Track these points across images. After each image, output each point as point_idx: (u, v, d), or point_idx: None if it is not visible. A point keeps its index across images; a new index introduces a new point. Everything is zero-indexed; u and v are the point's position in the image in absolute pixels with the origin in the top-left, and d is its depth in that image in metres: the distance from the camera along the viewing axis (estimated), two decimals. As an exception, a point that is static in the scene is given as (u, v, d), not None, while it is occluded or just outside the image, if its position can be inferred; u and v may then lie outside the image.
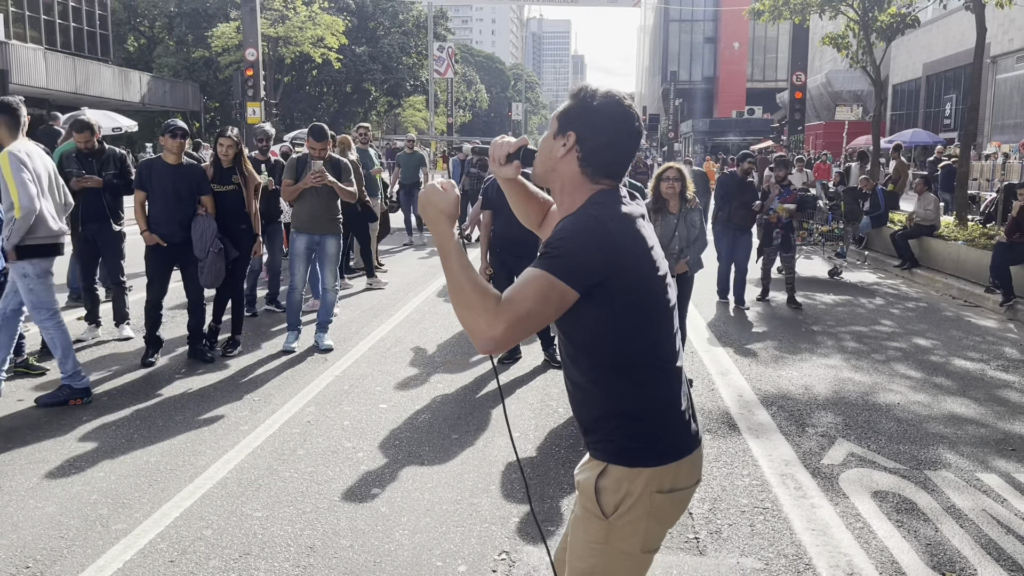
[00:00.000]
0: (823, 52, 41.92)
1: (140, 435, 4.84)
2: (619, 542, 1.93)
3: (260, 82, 24.32)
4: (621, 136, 1.93)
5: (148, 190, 6.15)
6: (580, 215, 1.88)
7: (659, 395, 1.94)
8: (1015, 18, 22.04)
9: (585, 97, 1.93)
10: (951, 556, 3.58)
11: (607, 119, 1.91)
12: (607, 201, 1.90)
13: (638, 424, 1.92)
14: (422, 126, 53.84)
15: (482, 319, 1.74)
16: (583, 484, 2.00)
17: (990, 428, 5.30)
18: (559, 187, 1.97)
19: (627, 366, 1.90)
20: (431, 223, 1.88)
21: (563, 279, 1.76)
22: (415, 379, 6.13)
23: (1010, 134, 23.74)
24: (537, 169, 2.01)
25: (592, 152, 1.91)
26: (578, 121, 1.92)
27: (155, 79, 36.58)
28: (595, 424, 1.97)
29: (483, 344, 1.75)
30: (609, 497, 1.92)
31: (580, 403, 2.01)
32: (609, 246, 1.81)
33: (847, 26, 17.44)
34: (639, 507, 1.91)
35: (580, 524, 2.00)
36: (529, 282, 1.77)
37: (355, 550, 3.54)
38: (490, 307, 1.74)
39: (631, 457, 1.92)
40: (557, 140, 1.94)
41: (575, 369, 1.98)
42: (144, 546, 3.53)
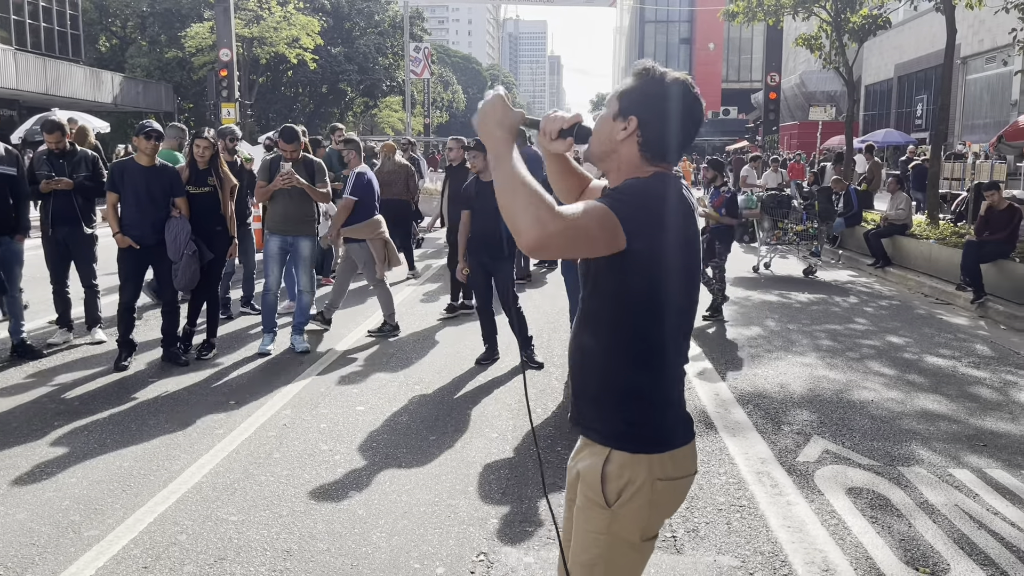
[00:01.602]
0: (797, 53, 42.32)
1: (113, 440, 4.78)
2: (621, 530, 1.93)
3: (235, 83, 24.13)
4: (685, 123, 1.92)
5: (121, 192, 6.08)
6: (647, 181, 1.89)
7: (664, 381, 1.96)
8: (985, 19, 22.36)
9: (650, 81, 1.91)
10: (924, 551, 3.63)
11: (672, 106, 1.90)
12: (668, 182, 1.91)
13: (641, 405, 1.93)
14: (399, 127, 53.63)
15: (534, 214, 1.68)
16: (585, 472, 1.98)
17: (962, 424, 5.37)
18: (616, 168, 1.96)
19: (644, 340, 1.92)
20: (487, 135, 1.83)
21: (621, 220, 1.76)
22: (392, 381, 6.10)
23: (980, 134, 24.10)
24: (594, 149, 1.98)
25: (653, 137, 1.90)
26: (641, 105, 1.90)
27: (128, 80, 36.14)
28: (599, 395, 1.96)
29: (531, 239, 1.69)
30: (613, 485, 1.92)
31: (587, 370, 2.00)
32: (665, 217, 1.84)
33: (820, 27, 17.62)
34: (641, 495, 1.91)
35: (581, 514, 1.99)
36: (590, 208, 1.76)
37: (332, 553, 3.51)
38: (549, 205, 1.69)
39: (633, 443, 1.92)
40: (617, 122, 1.92)
41: (590, 332, 1.97)
42: (117, 552, 3.48)
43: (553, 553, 3.55)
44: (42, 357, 6.48)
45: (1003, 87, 23.66)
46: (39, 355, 6.49)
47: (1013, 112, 20.82)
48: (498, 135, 1.81)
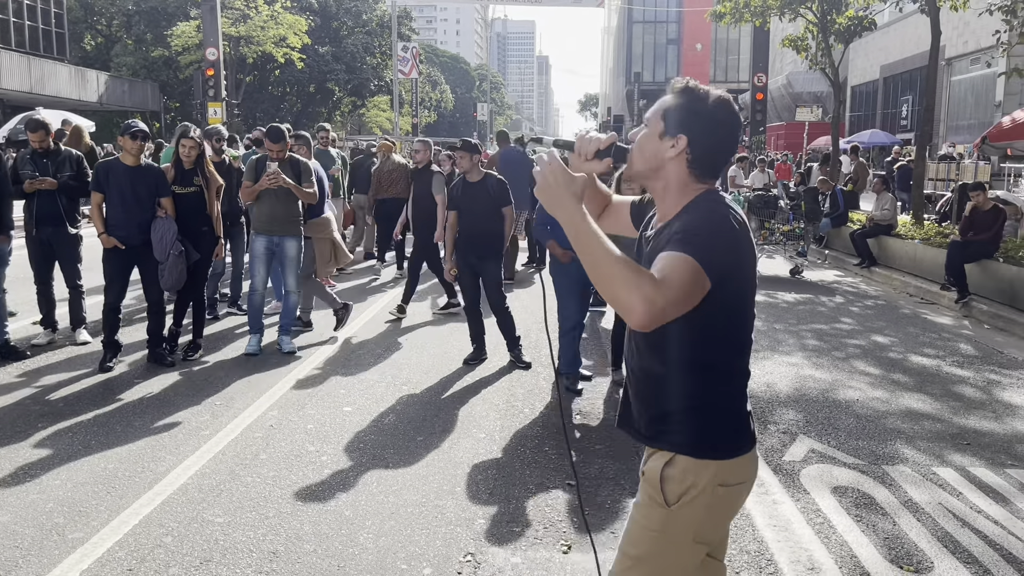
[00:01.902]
0: (783, 54, 42.53)
1: (98, 441, 4.75)
2: (675, 531, 1.96)
3: (221, 82, 24.02)
4: (730, 141, 1.96)
5: (106, 192, 6.04)
6: (707, 210, 1.88)
7: (736, 392, 1.99)
8: (969, 21, 22.53)
9: (696, 99, 1.92)
10: (908, 549, 3.65)
11: (720, 124, 1.92)
12: (721, 201, 1.92)
13: (712, 418, 1.96)
14: (387, 126, 53.53)
15: (640, 294, 1.68)
16: (649, 472, 2.02)
17: (946, 423, 5.41)
18: (662, 185, 1.97)
19: (717, 361, 1.95)
20: (557, 206, 1.80)
21: (704, 267, 1.76)
22: (380, 382, 6.09)
23: (964, 135, 24.28)
24: (638, 167, 1.98)
25: (703, 155, 1.92)
26: (689, 123, 1.90)
27: (113, 78, 35.95)
28: (668, 415, 1.98)
29: (643, 319, 1.69)
30: (674, 486, 1.95)
31: (654, 393, 2.01)
32: (735, 244, 1.86)
33: (806, 28, 17.71)
34: (701, 499, 1.94)
35: (640, 510, 2.03)
36: (677, 264, 1.75)
37: (318, 555, 3.51)
38: (648, 283, 1.69)
39: (701, 449, 1.95)
40: (665, 141, 1.93)
41: (657, 359, 1.98)
42: (102, 555, 3.46)
43: (540, 553, 3.56)
44: (26, 358, 6.43)
45: (987, 88, 23.85)
46: (23, 356, 6.44)
47: (997, 113, 20.99)
48: (570, 206, 1.78)
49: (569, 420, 5.37)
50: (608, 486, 4.28)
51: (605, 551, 3.59)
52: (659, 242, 1.91)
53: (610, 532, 3.77)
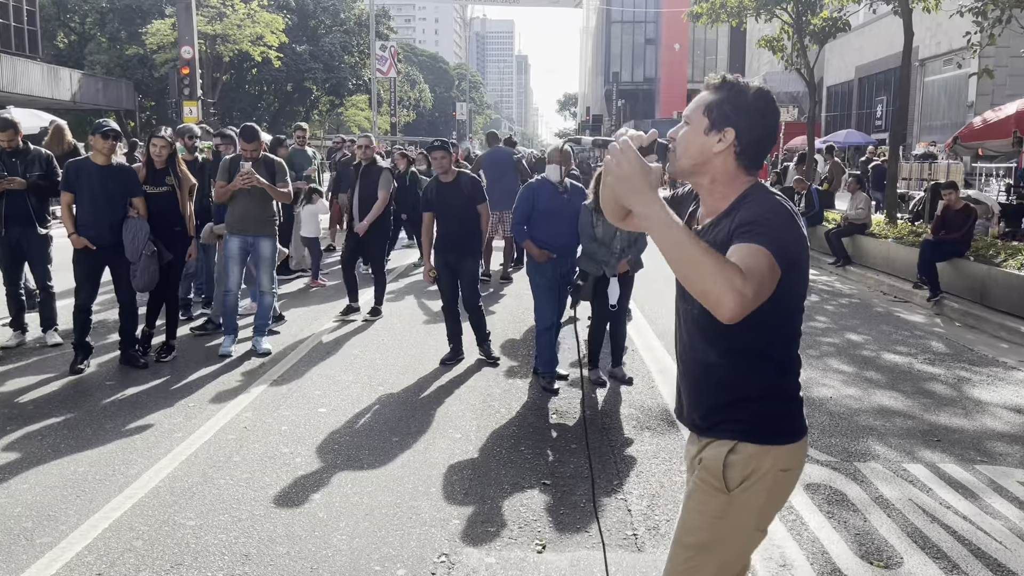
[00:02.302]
0: (760, 54, 42.83)
1: (67, 445, 4.69)
2: (736, 517, 1.98)
3: (197, 81, 23.77)
4: (773, 131, 2.00)
5: (76, 192, 5.97)
6: (768, 201, 1.90)
7: (791, 379, 2.03)
8: (942, 22, 22.80)
9: (738, 92, 1.95)
10: (879, 545, 3.69)
11: (763, 115, 1.96)
12: (776, 192, 1.95)
13: (772, 405, 2.00)
14: (365, 125, 53.28)
15: (731, 287, 1.67)
16: (708, 459, 2.02)
17: (917, 420, 5.47)
18: (709, 180, 1.99)
19: (774, 350, 1.98)
20: (634, 196, 1.76)
21: (776, 256, 1.78)
22: (356, 382, 6.07)
23: (938, 135, 24.55)
24: (683, 164, 1.99)
25: (749, 146, 1.95)
26: (735, 117, 1.93)
27: (87, 76, 35.47)
28: (726, 404, 2.00)
29: (732, 311, 1.68)
30: (736, 472, 1.97)
31: (711, 384, 2.02)
32: (799, 233, 1.88)
33: (782, 29, 17.83)
34: (762, 484, 1.98)
35: (695, 496, 2.03)
36: (754, 254, 1.76)
37: (291, 556, 3.48)
38: (736, 274, 1.69)
39: (762, 435, 1.98)
40: (711, 136, 1.95)
41: (713, 350, 1.99)
42: (71, 559, 3.42)
43: (515, 553, 3.56)
44: (-5, 360, 6.34)
45: (960, 89, 24.15)
46: (-8, 358, 6.35)
47: (970, 114, 21.26)
48: (648, 196, 1.75)
49: (545, 419, 5.37)
50: (584, 485, 4.29)
51: (580, 550, 3.60)
52: (716, 237, 1.90)
53: (586, 532, 3.77)
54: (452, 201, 6.49)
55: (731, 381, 1.99)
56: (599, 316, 6.11)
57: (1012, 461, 4.76)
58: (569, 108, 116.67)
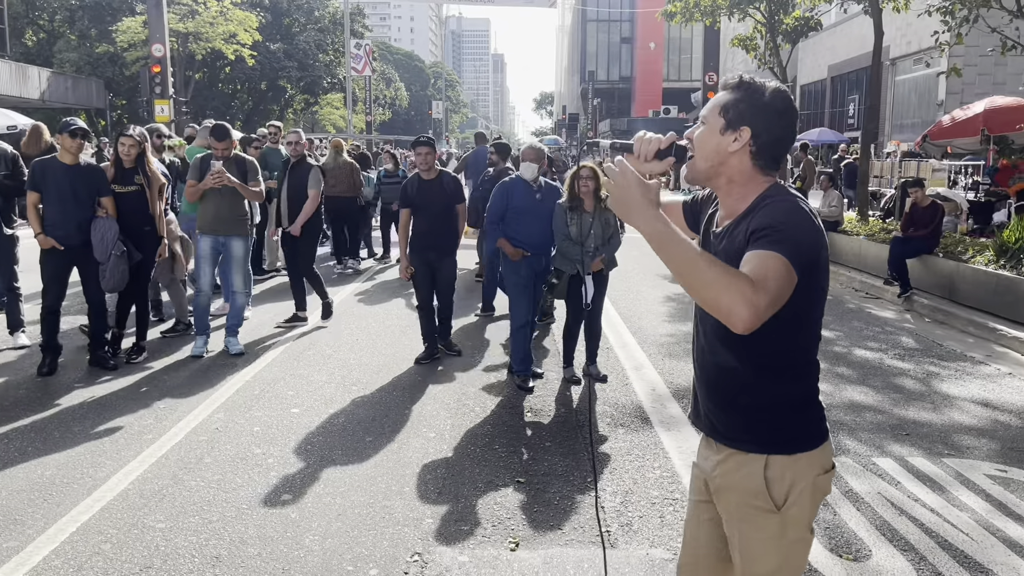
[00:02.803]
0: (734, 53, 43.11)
1: (34, 448, 4.62)
2: (793, 531, 1.96)
3: (168, 79, 23.52)
4: (790, 131, 1.96)
5: (43, 191, 5.88)
6: (785, 205, 1.86)
7: (812, 383, 2.01)
8: (912, 22, 23.09)
9: (754, 91, 1.93)
10: (848, 538, 3.73)
11: (780, 114, 1.93)
12: (794, 194, 1.92)
13: (797, 411, 1.97)
14: (340, 124, 53.04)
15: (742, 298, 1.65)
16: (742, 482, 1.98)
17: (887, 415, 5.54)
18: (726, 180, 1.96)
19: (796, 355, 1.96)
20: (635, 215, 1.76)
21: (792, 262, 1.74)
22: (329, 382, 6.03)
23: (908, 133, 24.87)
24: (700, 166, 1.97)
25: (765, 146, 1.92)
26: (751, 116, 1.91)
27: (56, 75, 34.96)
28: (750, 412, 1.97)
29: (745, 323, 1.66)
30: (780, 488, 1.94)
31: (733, 390, 1.99)
32: (818, 237, 1.85)
33: (755, 28, 17.98)
34: (807, 492, 1.95)
35: (746, 525, 1.99)
36: (771, 263, 1.73)
37: (263, 558, 3.46)
38: (748, 285, 1.67)
39: (791, 445, 1.96)
40: (727, 135, 1.92)
41: (734, 356, 1.96)
42: (37, 564, 3.37)
43: (488, 551, 3.56)
44: (-39, 363, 6.23)
45: (929, 88, 24.48)
46: (-42, 361, 6.24)
47: (939, 112, 21.55)
48: (649, 213, 1.74)
49: (520, 418, 5.37)
50: (557, 483, 4.30)
51: (553, 547, 3.60)
52: (734, 240, 1.89)
53: (559, 529, 3.78)
54: (433, 199, 6.48)
55: (756, 388, 1.96)
56: (573, 314, 6.12)
57: (979, 454, 4.84)
58: (545, 107, 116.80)
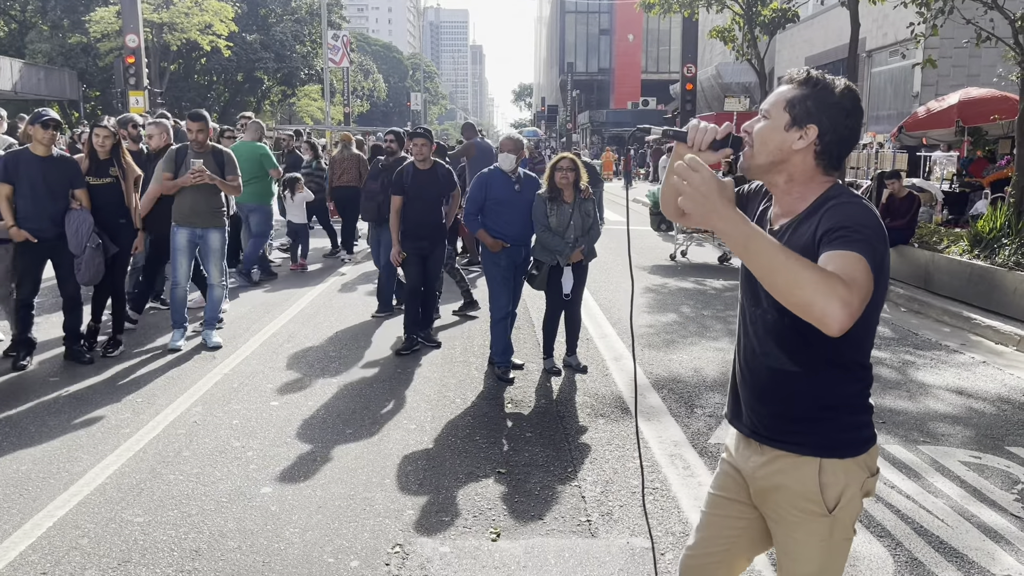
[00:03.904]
0: (713, 45, 43.26)
1: (9, 442, 4.56)
2: (841, 531, 1.96)
3: (143, 70, 23.23)
4: (856, 131, 1.91)
5: (15, 183, 5.79)
6: (855, 205, 1.82)
7: (866, 387, 1.97)
8: (888, 14, 23.26)
9: (823, 88, 1.87)
10: (826, 525, 3.77)
11: (848, 114, 1.88)
12: (856, 195, 1.88)
13: (850, 416, 1.95)
14: (318, 116, 52.64)
15: (838, 299, 1.59)
16: (793, 485, 1.96)
17: (863, 403, 5.59)
18: (786, 178, 1.92)
19: (853, 358, 1.92)
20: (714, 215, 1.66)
21: (870, 263, 1.70)
22: (308, 375, 6.00)
23: (884, 124, 25.09)
24: (760, 160, 1.91)
25: (831, 146, 1.88)
26: (819, 114, 1.86)
27: (28, 66, 34.42)
28: (806, 417, 1.94)
29: (841, 324, 1.60)
30: (833, 492, 1.93)
31: (788, 394, 1.95)
32: (886, 239, 1.82)
33: (733, 20, 18.03)
34: (857, 495, 1.95)
35: (798, 529, 1.97)
36: (852, 262, 1.68)
37: (243, 551, 3.44)
38: (840, 284, 1.61)
39: (844, 449, 1.93)
40: (791, 132, 1.87)
41: (791, 360, 1.92)
42: (13, 559, 3.33)
43: (469, 542, 3.56)
44: (-67, 358, 6.14)
45: (905, 79, 24.68)
46: (-71, 356, 6.15)
47: (915, 103, 21.75)
48: (729, 213, 1.66)
49: (500, 409, 5.38)
50: (538, 473, 4.31)
51: (535, 537, 3.61)
52: (799, 239, 1.84)
53: (540, 520, 3.79)
54: (427, 188, 6.50)
55: (812, 392, 1.93)
56: (553, 305, 6.12)
57: (954, 442, 4.90)
58: (524, 98, 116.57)
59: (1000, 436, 5.00)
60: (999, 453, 4.72)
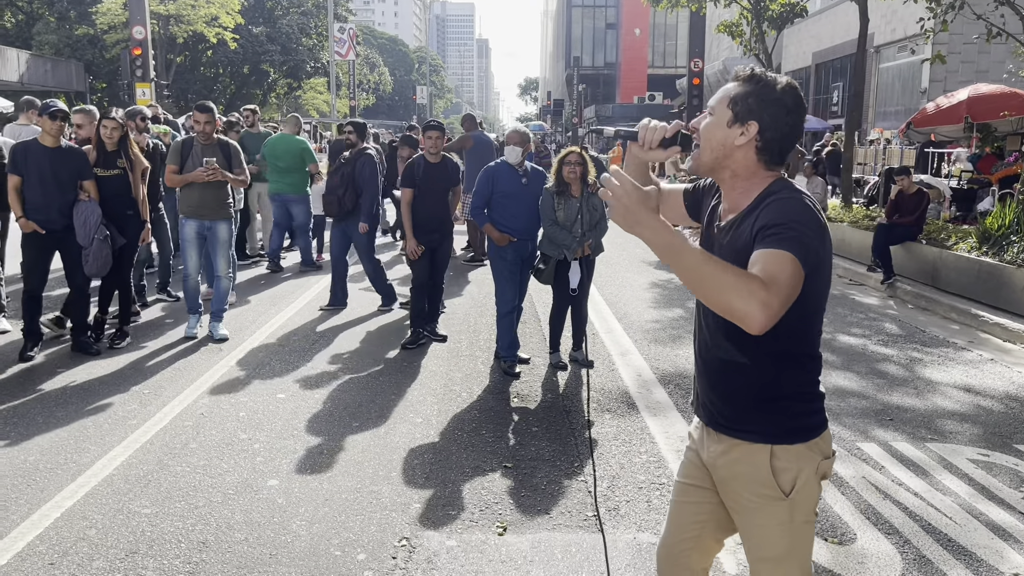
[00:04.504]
0: (720, 39, 43.10)
1: (17, 433, 4.58)
2: (801, 514, 2.00)
3: (149, 62, 23.24)
4: (798, 127, 1.94)
5: (24, 174, 5.79)
6: (791, 200, 1.86)
7: (815, 376, 2.02)
8: (897, 9, 23.15)
9: (765, 86, 1.91)
10: (833, 522, 3.76)
11: (789, 111, 1.91)
12: (798, 190, 1.91)
13: (801, 402, 2.00)
14: (324, 109, 52.64)
15: (756, 301, 1.64)
16: (748, 472, 2.00)
17: (871, 400, 5.58)
18: (730, 174, 1.95)
19: (800, 349, 1.98)
20: (638, 225, 1.70)
21: (800, 260, 1.74)
22: (315, 367, 6.01)
23: (892, 120, 24.99)
24: (705, 159, 1.95)
25: (772, 141, 1.91)
26: (760, 111, 1.89)
27: (35, 57, 34.48)
28: (757, 406, 1.98)
29: (761, 324, 1.65)
30: (788, 476, 1.98)
31: (739, 385, 2.00)
32: (823, 234, 1.85)
33: (740, 14, 17.96)
34: (813, 478, 2.00)
35: (757, 513, 2.02)
36: (781, 262, 1.72)
37: (250, 543, 3.44)
38: (760, 287, 1.65)
39: (794, 436, 1.99)
40: (733, 129, 1.91)
41: (739, 351, 1.96)
42: (21, 549, 3.34)
43: (476, 536, 3.56)
44: (-59, 348, 6.16)
45: (913, 75, 24.56)
46: (-63, 346, 6.17)
47: (923, 100, 21.65)
48: (652, 222, 1.70)
49: (507, 403, 5.37)
50: (545, 468, 4.30)
51: (541, 532, 3.61)
52: (740, 236, 1.89)
53: (546, 514, 3.79)
54: (437, 182, 6.51)
55: (760, 382, 1.97)
56: (560, 300, 6.11)
57: (962, 439, 4.89)
58: (530, 92, 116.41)
59: (1008, 434, 4.99)
60: (1007, 451, 4.71)
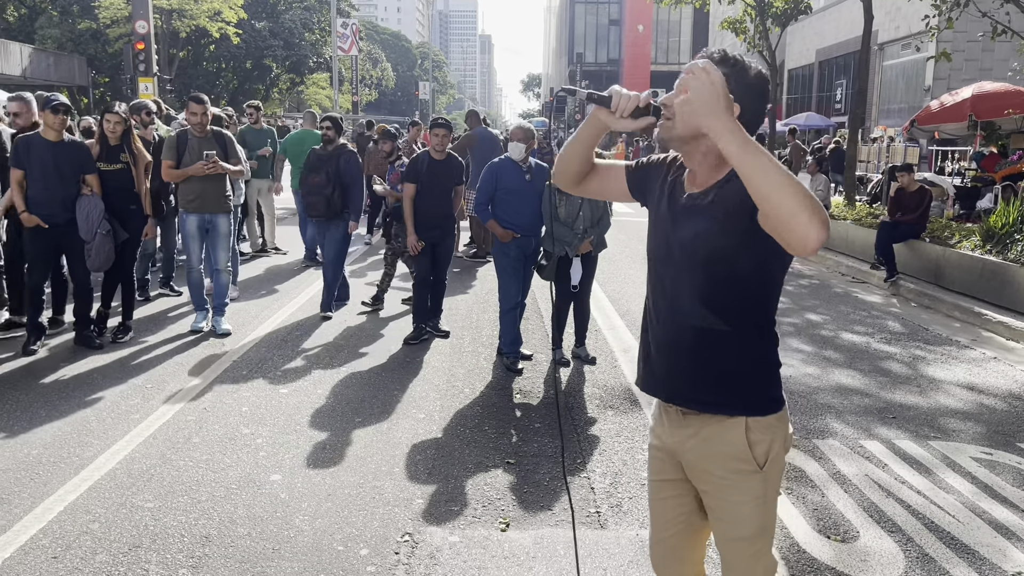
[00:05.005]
0: (724, 36, 43.01)
1: (20, 426, 4.58)
2: (772, 488, 2.05)
3: (152, 56, 23.22)
4: (764, 114, 2.01)
5: (26, 168, 5.79)
6: None
7: (776, 347, 2.07)
8: (901, 6, 23.10)
9: (742, 70, 1.95)
10: (836, 520, 3.76)
11: (760, 97, 1.97)
12: None
13: (770, 373, 2.04)
14: (327, 104, 52.59)
15: (819, 218, 1.60)
16: (723, 448, 2.01)
17: (874, 398, 5.57)
18: (702, 152, 1.97)
19: (770, 317, 2.02)
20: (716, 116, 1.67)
21: None
22: (318, 363, 6.01)
23: (895, 118, 24.94)
24: (679, 132, 1.93)
25: (748, 125, 1.93)
26: (739, 94, 1.91)
27: (37, 51, 34.45)
28: (732, 374, 2.00)
29: (816, 244, 1.62)
30: (762, 448, 2.01)
31: (713, 353, 2.00)
32: None
33: (744, 11, 17.92)
34: (782, 450, 2.04)
35: (734, 489, 2.03)
36: None
37: (253, 538, 3.44)
38: (821, 208, 1.63)
39: (765, 406, 2.02)
40: None
41: (721, 318, 1.97)
42: (24, 543, 3.35)
43: (478, 532, 3.56)
44: (-56, 342, 6.16)
45: (917, 73, 24.51)
46: (-60, 340, 6.17)
47: (926, 97, 21.61)
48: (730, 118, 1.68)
49: (509, 399, 5.37)
50: (547, 464, 4.30)
51: (544, 528, 3.61)
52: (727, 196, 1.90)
53: (549, 510, 3.79)
54: (441, 179, 6.49)
55: (737, 350, 1.99)
56: (562, 296, 6.11)
57: (965, 437, 4.88)
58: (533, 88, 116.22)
59: (1011, 432, 4.98)
60: (1010, 449, 4.70)
